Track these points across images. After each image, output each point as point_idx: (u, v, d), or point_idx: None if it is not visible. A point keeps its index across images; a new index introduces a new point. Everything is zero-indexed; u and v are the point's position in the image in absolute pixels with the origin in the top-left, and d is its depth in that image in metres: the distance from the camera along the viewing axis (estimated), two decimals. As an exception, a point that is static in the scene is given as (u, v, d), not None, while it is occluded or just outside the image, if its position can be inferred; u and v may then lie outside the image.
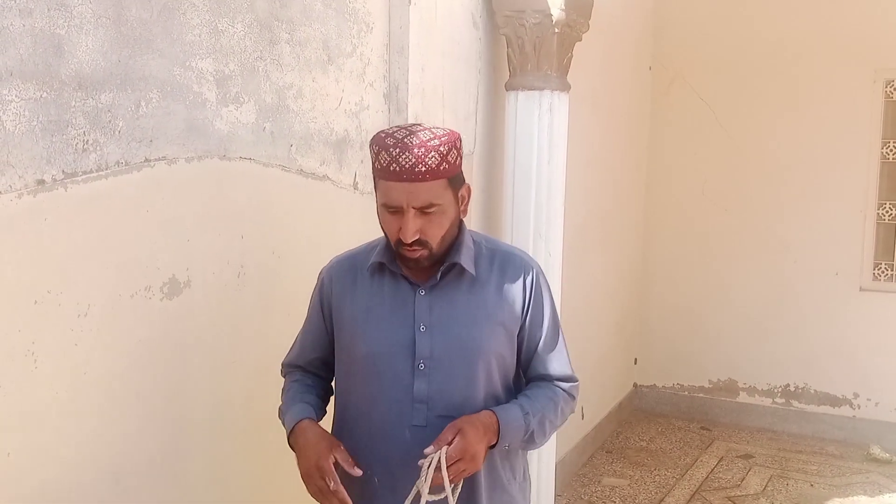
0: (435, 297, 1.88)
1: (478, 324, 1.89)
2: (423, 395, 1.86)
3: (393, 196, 1.78)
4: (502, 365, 1.94)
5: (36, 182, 1.72)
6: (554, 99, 3.42)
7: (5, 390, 1.69)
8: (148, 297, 2.01)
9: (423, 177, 1.75)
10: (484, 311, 1.90)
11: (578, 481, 4.87)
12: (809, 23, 5.52)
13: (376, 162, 1.81)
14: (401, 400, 1.87)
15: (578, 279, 4.54)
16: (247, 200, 2.30)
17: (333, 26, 2.59)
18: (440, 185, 1.79)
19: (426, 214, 1.79)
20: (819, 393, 5.76)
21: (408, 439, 1.86)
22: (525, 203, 3.46)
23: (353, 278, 1.96)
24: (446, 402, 1.86)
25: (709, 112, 5.85)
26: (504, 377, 1.96)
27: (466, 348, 1.88)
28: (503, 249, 2.01)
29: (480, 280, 1.92)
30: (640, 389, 6.25)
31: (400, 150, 1.75)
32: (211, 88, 2.14)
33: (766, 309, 5.83)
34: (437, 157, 1.76)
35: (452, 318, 1.88)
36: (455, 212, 1.86)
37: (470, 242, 1.92)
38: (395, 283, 1.91)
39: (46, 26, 1.72)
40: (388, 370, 1.88)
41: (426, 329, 1.87)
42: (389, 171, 1.77)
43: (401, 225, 1.79)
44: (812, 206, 5.66)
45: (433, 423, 1.84)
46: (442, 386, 1.86)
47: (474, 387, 1.89)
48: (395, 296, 1.90)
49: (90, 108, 1.82)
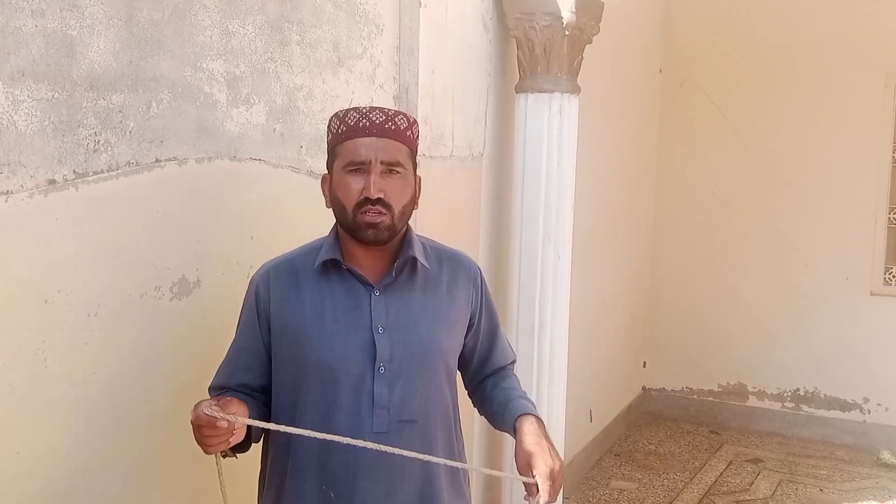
0: (390, 298, 1.83)
1: (436, 325, 1.87)
2: (384, 399, 1.79)
3: (361, 152, 1.77)
4: (454, 366, 1.96)
5: (47, 182, 1.72)
6: (564, 101, 3.42)
7: (15, 389, 1.70)
8: (157, 297, 2.01)
9: (393, 134, 1.79)
10: (439, 312, 1.89)
11: (586, 484, 4.86)
12: (820, 26, 5.50)
13: (342, 125, 1.81)
14: (360, 406, 1.79)
15: (588, 282, 4.53)
16: (256, 201, 2.30)
17: (344, 28, 2.60)
18: (405, 152, 1.83)
19: (391, 176, 1.78)
20: (829, 397, 5.73)
21: (368, 448, 1.76)
22: (534, 206, 3.45)
23: (296, 282, 1.85)
24: (408, 405, 1.81)
25: (719, 115, 5.83)
26: (453, 377, 1.97)
27: (426, 350, 1.85)
28: (447, 250, 2.00)
29: (433, 280, 1.90)
30: (649, 393, 6.24)
31: (370, 109, 1.82)
32: (222, 89, 2.15)
33: (775, 313, 5.81)
34: (404, 120, 1.83)
35: (410, 319, 1.84)
36: (413, 191, 1.85)
37: (417, 240, 1.91)
38: (345, 284, 1.83)
39: (58, 27, 1.72)
40: (344, 376, 1.79)
41: (384, 331, 1.80)
42: (359, 127, 1.79)
43: (365, 184, 1.76)
44: (822, 209, 5.64)
45: (395, 428, 1.79)
46: (403, 389, 1.81)
47: (434, 388, 1.87)
48: (346, 297, 1.82)
49: (101, 109, 1.83)
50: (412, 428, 1.81)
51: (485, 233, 3.48)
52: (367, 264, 1.85)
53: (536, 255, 3.46)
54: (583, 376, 4.49)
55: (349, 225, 1.80)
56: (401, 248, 1.86)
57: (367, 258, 1.84)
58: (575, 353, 3.75)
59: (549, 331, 3.48)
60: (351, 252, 1.85)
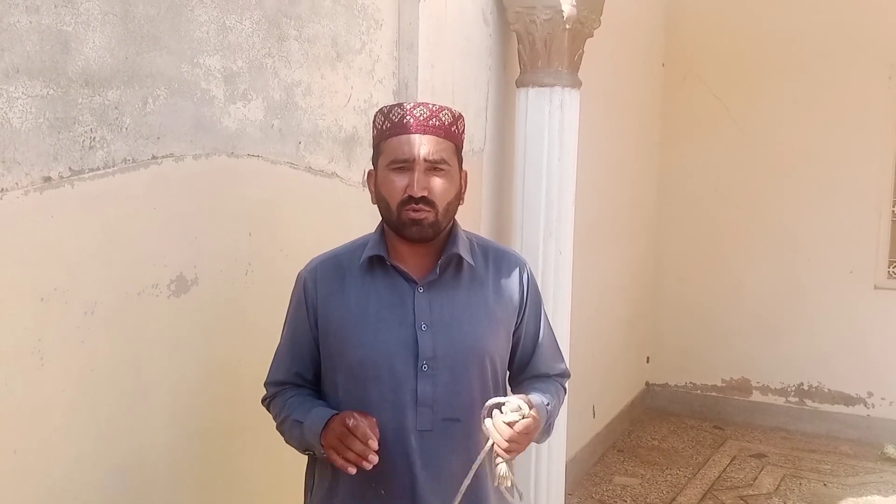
0: (434, 294, 1.82)
1: (480, 322, 1.85)
2: (429, 397, 1.79)
3: (405, 149, 1.77)
4: (502, 365, 1.92)
5: (42, 179, 1.71)
6: (565, 96, 3.40)
7: (11, 388, 1.69)
8: (155, 294, 2.00)
9: (437, 131, 1.78)
10: (485, 309, 1.86)
11: (590, 480, 4.86)
12: (824, 18, 5.47)
13: (386, 121, 1.81)
14: (404, 404, 1.79)
15: (590, 277, 4.52)
16: (255, 198, 2.29)
17: (342, 23, 2.58)
18: (450, 148, 1.81)
19: (435, 173, 1.77)
20: (833, 392, 5.72)
21: (413, 445, 1.79)
22: (536, 200, 3.44)
23: (341, 279, 1.86)
24: (453, 403, 1.80)
25: (722, 108, 5.81)
26: (502, 377, 1.94)
27: (470, 347, 1.83)
28: (494, 246, 1.99)
29: (479, 277, 1.88)
30: (653, 388, 6.23)
31: (414, 106, 1.81)
32: (219, 85, 2.14)
33: (779, 307, 5.79)
34: (449, 116, 1.82)
35: (454, 317, 1.82)
36: (458, 187, 1.84)
37: (464, 236, 1.89)
38: (389, 280, 1.83)
39: (53, 23, 1.71)
40: (387, 373, 1.79)
41: (427, 328, 1.80)
42: (403, 123, 1.78)
43: (409, 181, 1.76)
44: (826, 203, 5.61)
45: (439, 426, 1.79)
46: (448, 387, 1.80)
47: (479, 387, 1.84)
48: (391, 294, 1.82)
49: (97, 106, 1.81)
50: (456, 426, 1.79)
51: (486, 228, 3.47)
52: (412, 261, 1.84)
53: (538, 249, 3.44)
54: (585, 372, 4.48)
55: (393, 222, 1.80)
56: (446, 244, 1.85)
57: (412, 255, 1.84)
58: (577, 348, 3.74)
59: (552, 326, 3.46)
60: (396, 249, 1.84)
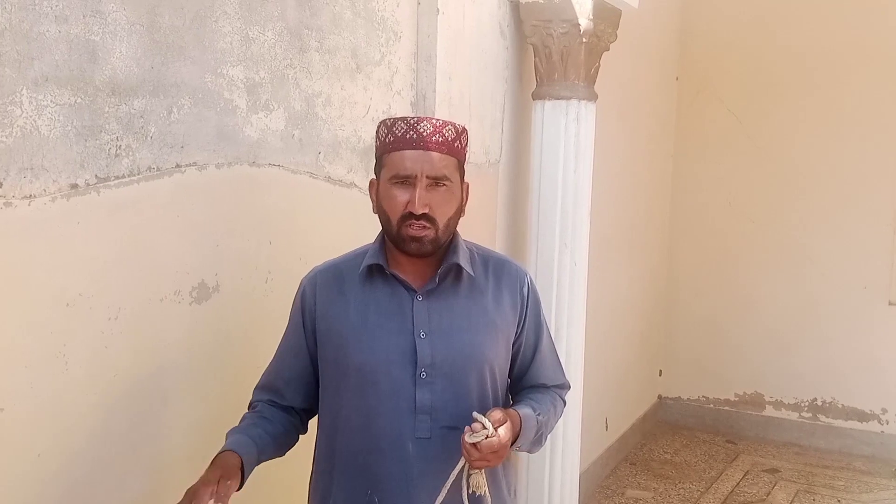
0: (433, 303, 1.83)
1: (479, 331, 1.85)
2: (427, 405, 1.79)
3: (407, 165, 1.76)
4: (501, 374, 1.92)
5: (69, 186, 1.74)
6: (581, 108, 3.42)
7: (37, 391, 1.71)
8: (177, 300, 2.03)
9: (439, 147, 1.78)
10: (484, 318, 1.86)
11: (602, 493, 4.84)
12: (837, 33, 5.47)
13: (389, 134, 1.80)
14: (402, 411, 1.79)
15: (603, 289, 4.52)
16: (275, 207, 2.31)
17: (362, 35, 2.61)
18: (452, 164, 1.81)
19: (437, 189, 1.77)
20: (846, 408, 5.69)
21: (411, 453, 1.79)
22: (551, 213, 3.45)
23: (340, 287, 1.87)
24: (451, 412, 1.79)
25: (735, 123, 5.81)
26: (502, 386, 1.93)
27: (469, 356, 1.83)
28: (495, 256, 1.99)
29: (478, 286, 1.88)
30: (665, 401, 6.21)
31: (417, 121, 1.80)
32: (241, 95, 2.16)
33: (792, 322, 5.77)
34: (452, 131, 1.81)
35: (453, 325, 1.83)
36: (459, 202, 1.84)
37: (464, 246, 1.90)
38: (389, 288, 1.84)
39: (81, 33, 1.74)
40: (385, 380, 1.80)
41: (426, 336, 1.80)
42: (405, 139, 1.77)
43: (409, 197, 1.75)
44: (840, 218, 5.60)
45: (438, 434, 1.79)
46: (446, 395, 1.80)
47: (478, 396, 1.84)
48: (390, 301, 1.83)
49: (123, 114, 1.84)
50: (455, 435, 1.77)
51: (501, 239, 3.48)
52: (412, 269, 1.85)
53: (553, 261, 3.45)
54: (598, 384, 4.48)
55: (393, 236, 1.80)
56: (446, 254, 1.85)
57: (412, 264, 1.84)
58: (590, 360, 3.74)
59: (566, 338, 3.47)
60: (396, 258, 1.85)
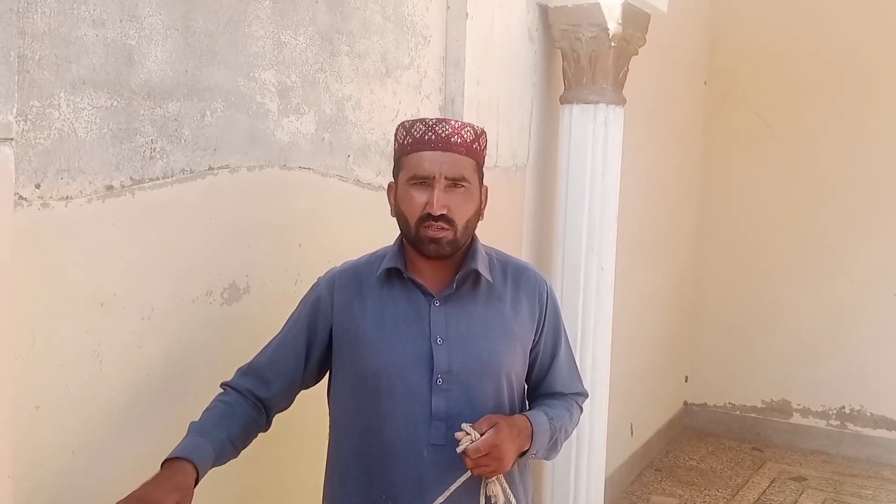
0: (451, 309, 1.82)
1: (496, 338, 1.84)
2: (443, 411, 1.77)
3: (425, 166, 1.76)
4: (518, 382, 1.91)
5: (105, 188, 1.77)
6: (609, 113, 3.41)
7: (71, 390, 1.74)
8: (209, 301, 2.05)
9: (458, 148, 1.78)
10: (501, 325, 1.85)
11: (627, 499, 4.82)
12: (865, 37, 5.42)
13: (408, 136, 1.80)
14: (417, 417, 1.78)
15: (630, 294, 4.51)
16: (305, 209, 2.33)
17: (392, 39, 2.63)
18: (471, 165, 1.81)
19: (455, 190, 1.77)
20: (875, 416, 5.62)
21: (426, 459, 1.77)
22: (578, 217, 3.45)
23: (359, 290, 1.86)
24: (467, 419, 1.76)
25: (764, 127, 5.77)
26: (518, 394, 1.92)
27: (486, 364, 1.81)
28: (515, 262, 1.97)
29: (496, 292, 1.87)
30: (691, 407, 6.17)
31: (436, 122, 1.80)
32: (273, 99, 2.18)
33: (820, 328, 5.71)
34: (471, 132, 1.81)
35: (470, 332, 1.81)
36: (478, 204, 1.84)
37: (483, 251, 1.89)
38: (407, 293, 1.83)
39: (118, 37, 1.77)
40: (401, 385, 1.78)
41: (443, 342, 1.79)
42: (424, 140, 1.77)
43: (428, 199, 1.75)
44: (868, 223, 5.54)
45: (453, 441, 1.76)
46: (462, 402, 1.78)
47: (495, 403, 1.82)
48: (407, 306, 1.82)
49: (158, 117, 1.87)
50: None
51: (528, 244, 3.48)
52: (430, 274, 1.83)
53: (580, 266, 3.45)
54: (624, 390, 4.46)
55: (412, 238, 1.80)
56: (465, 260, 1.84)
57: (430, 268, 1.83)
58: (616, 366, 3.73)
59: (592, 343, 3.46)
60: (414, 262, 1.84)
